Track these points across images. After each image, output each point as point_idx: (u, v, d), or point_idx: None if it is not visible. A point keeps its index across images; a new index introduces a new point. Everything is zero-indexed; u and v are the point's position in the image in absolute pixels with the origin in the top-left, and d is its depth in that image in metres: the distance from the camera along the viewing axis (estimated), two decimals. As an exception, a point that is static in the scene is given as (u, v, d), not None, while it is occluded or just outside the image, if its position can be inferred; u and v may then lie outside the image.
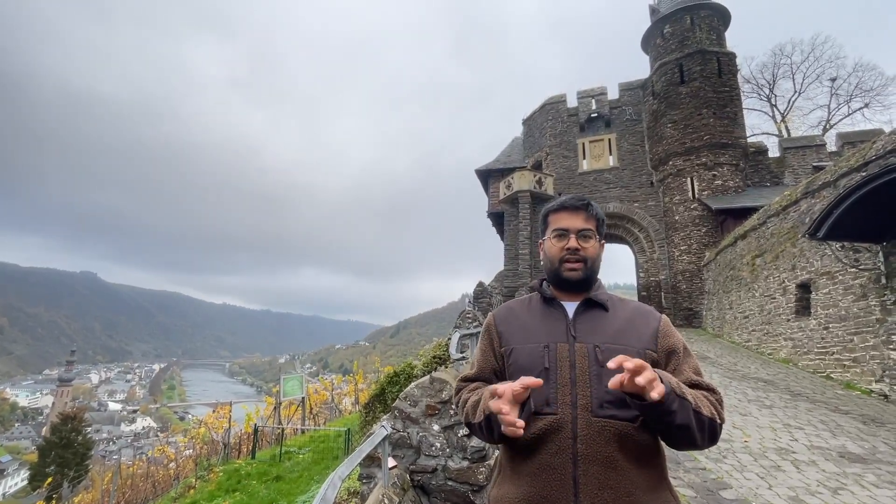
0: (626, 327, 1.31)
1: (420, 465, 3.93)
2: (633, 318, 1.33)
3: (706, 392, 1.23)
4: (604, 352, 1.24)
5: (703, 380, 1.26)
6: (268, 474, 8.10)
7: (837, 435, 5.31)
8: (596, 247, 1.39)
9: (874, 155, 7.28)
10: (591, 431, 1.18)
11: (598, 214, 1.41)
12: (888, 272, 7.03)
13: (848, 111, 26.59)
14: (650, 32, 21.59)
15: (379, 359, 33.06)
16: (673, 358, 1.29)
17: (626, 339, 1.28)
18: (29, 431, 74.34)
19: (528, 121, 25.50)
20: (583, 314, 1.34)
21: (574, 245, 1.35)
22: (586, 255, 1.36)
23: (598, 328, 1.30)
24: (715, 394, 1.23)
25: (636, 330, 1.30)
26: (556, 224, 1.40)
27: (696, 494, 3.80)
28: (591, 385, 1.22)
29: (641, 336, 1.29)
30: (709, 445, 1.19)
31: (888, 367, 6.98)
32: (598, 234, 1.40)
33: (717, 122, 18.83)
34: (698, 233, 18.58)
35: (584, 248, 1.36)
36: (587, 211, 1.39)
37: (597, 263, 1.39)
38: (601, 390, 1.20)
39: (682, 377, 1.25)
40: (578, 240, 1.36)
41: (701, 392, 1.21)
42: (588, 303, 1.35)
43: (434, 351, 8.76)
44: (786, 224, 10.37)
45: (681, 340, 1.32)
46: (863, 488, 3.86)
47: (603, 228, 1.43)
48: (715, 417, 1.16)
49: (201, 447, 12.78)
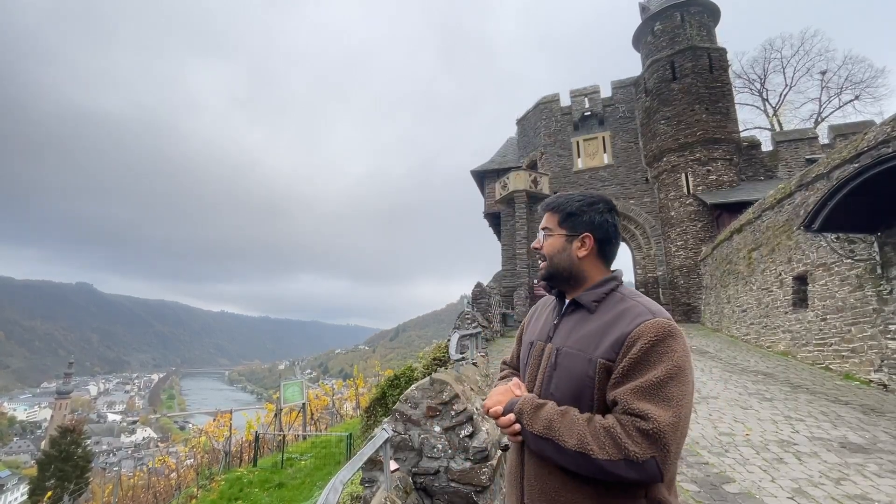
0: (598, 332, 1.20)
1: (422, 468, 3.91)
2: (612, 322, 1.19)
3: (611, 421, 1.05)
4: (560, 355, 1.26)
5: (634, 403, 1.04)
6: (270, 481, 8.06)
7: (838, 426, 5.32)
8: (553, 243, 1.36)
9: (866, 146, 7.32)
10: None
11: (559, 209, 1.38)
12: (883, 262, 7.07)
13: (839, 104, 26.79)
14: (641, 30, 21.69)
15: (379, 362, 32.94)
16: (619, 365, 1.11)
17: (587, 346, 1.20)
18: (28, 445, 73.77)
19: (522, 121, 25.55)
20: (569, 315, 1.33)
21: (536, 245, 1.41)
22: (544, 252, 1.38)
23: (572, 331, 1.28)
24: (641, 422, 1.01)
25: (605, 336, 1.17)
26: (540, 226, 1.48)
27: (699, 489, 3.80)
28: (542, 386, 1.28)
29: (604, 344, 1.16)
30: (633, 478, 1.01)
31: (886, 356, 7.01)
32: (561, 228, 1.36)
33: (709, 118, 18.92)
34: (694, 228, 18.65)
35: (543, 246, 1.39)
36: (548, 209, 1.42)
37: (558, 259, 1.34)
38: (547, 393, 1.25)
39: (612, 392, 1.10)
40: (542, 238, 1.41)
41: (599, 420, 1.07)
42: (574, 304, 1.33)
43: (434, 353, 8.75)
44: (781, 217, 10.41)
45: (649, 350, 1.08)
46: (865, 478, 3.86)
47: (570, 221, 1.34)
48: (586, 451, 1.03)
49: (202, 456, 12.70)
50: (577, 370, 1.20)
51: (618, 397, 1.09)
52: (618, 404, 1.08)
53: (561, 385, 1.22)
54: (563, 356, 1.25)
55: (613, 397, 1.10)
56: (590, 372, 1.17)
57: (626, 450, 1.01)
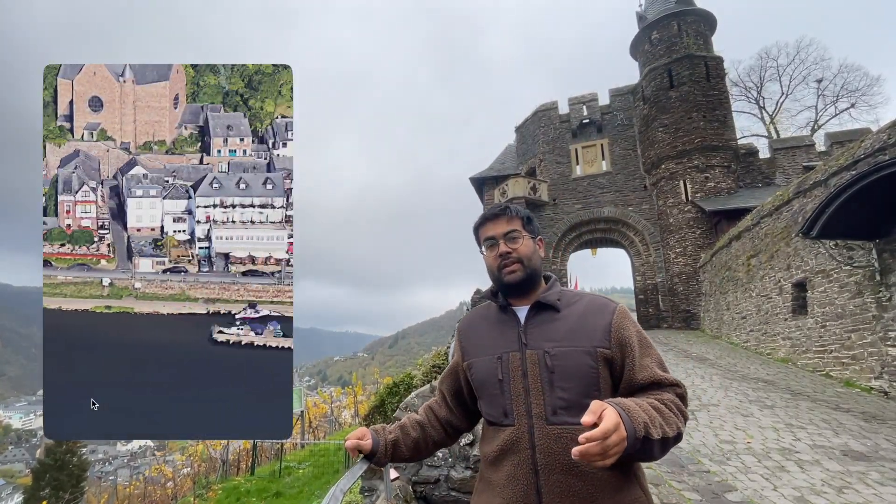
0: (578, 326, 1.26)
1: (422, 476, 3.88)
2: (585, 315, 1.28)
3: (669, 395, 1.17)
4: (553, 357, 1.23)
5: (667, 375, 1.21)
6: (268, 490, 7.98)
7: (840, 433, 5.30)
8: (527, 244, 1.37)
9: (863, 153, 7.37)
10: (548, 440, 1.19)
11: (519, 214, 1.41)
12: (882, 269, 7.08)
13: (835, 111, 27.03)
14: (638, 39, 21.90)
15: (378, 369, 32.82)
16: (628, 352, 1.23)
17: (577, 340, 1.24)
18: (23, 454, 72.96)
19: (521, 128, 25.69)
20: (534, 318, 1.32)
21: (504, 249, 1.36)
22: (519, 254, 1.35)
23: (548, 332, 1.28)
24: (679, 388, 1.20)
25: (588, 327, 1.25)
26: (484, 235, 1.42)
27: (700, 498, 3.77)
28: (543, 392, 1.22)
29: (593, 334, 1.24)
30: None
31: (887, 363, 7.00)
32: (526, 231, 1.38)
33: (707, 125, 19.05)
34: (693, 235, 18.69)
35: (515, 249, 1.35)
36: (506, 214, 1.40)
37: (534, 260, 1.37)
38: (553, 396, 1.21)
39: (643, 374, 1.21)
40: (507, 243, 1.36)
41: (665, 399, 1.15)
42: (538, 306, 1.33)
43: (433, 360, 8.72)
44: (779, 224, 10.45)
45: (636, 331, 1.26)
46: (867, 486, 3.84)
47: (532, 226, 1.41)
48: (679, 431, 1.12)
49: (199, 465, 12.60)
50: (579, 365, 1.22)
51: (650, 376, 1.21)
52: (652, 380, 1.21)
53: (568, 384, 1.21)
54: (556, 357, 1.23)
55: (645, 376, 1.21)
56: (591, 362, 1.22)
57: (685, 413, 1.18)
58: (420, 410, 1.60)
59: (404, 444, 1.49)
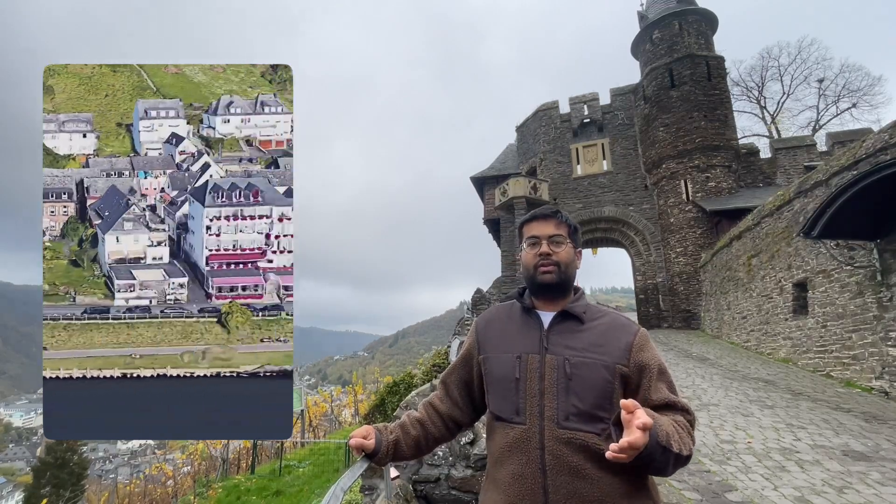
0: (600, 340, 1.30)
1: (423, 475, 3.88)
2: (607, 332, 1.32)
3: (681, 418, 1.22)
4: (573, 365, 1.26)
5: (678, 399, 1.26)
6: (268, 489, 7.99)
7: (840, 433, 5.29)
8: (568, 252, 1.40)
9: (864, 153, 7.36)
10: (557, 442, 1.21)
11: (568, 222, 1.44)
12: (883, 269, 7.07)
13: (836, 111, 26.96)
14: (639, 38, 21.87)
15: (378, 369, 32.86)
16: (645, 374, 1.28)
17: (597, 353, 1.28)
18: (23, 452, 73.01)
19: (522, 128, 25.67)
20: (557, 325, 1.35)
21: (546, 250, 1.38)
22: (558, 259, 1.38)
23: (570, 340, 1.31)
24: (689, 415, 1.25)
25: (609, 344, 1.30)
26: (529, 233, 1.45)
27: (701, 497, 3.77)
28: (557, 397, 1.25)
29: (613, 350, 1.28)
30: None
31: (887, 363, 6.99)
32: (570, 240, 1.42)
33: (708, 125, 19.02)
34: (693, 234, 18.67)
35: (556, 253, 1.38)
36: (557, 218, 1.43)
37: (570, 268, 1.40)
38: (568, 403, 1.23)
39: (658, 395, 1.25)
40: (550, 245, 1.39)
41: (678, 421, 1.20)
42: (564, 314, 1.36)
43: (434, 359, 8.73)
44: (780, 224, 10.44)
45: (656, 358, 1.31)
46: (868, 486, 3.84)
47: (576, 236, 1.45)
48: (691, 452, 1.17)
49: (199, 463, 12.61)
50: (598, 377, 1.25)
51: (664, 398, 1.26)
52: (666, 402, 1.25)
53: (583, 393, 1.24)
54: (576, 366, 1.26)
55: (660, 397, 1.25)
56: (609, 377, 1.25)
57: (693, 438, 1.21)
58: (419, 407, 1.61)
59: (405, 443, 1.50)
